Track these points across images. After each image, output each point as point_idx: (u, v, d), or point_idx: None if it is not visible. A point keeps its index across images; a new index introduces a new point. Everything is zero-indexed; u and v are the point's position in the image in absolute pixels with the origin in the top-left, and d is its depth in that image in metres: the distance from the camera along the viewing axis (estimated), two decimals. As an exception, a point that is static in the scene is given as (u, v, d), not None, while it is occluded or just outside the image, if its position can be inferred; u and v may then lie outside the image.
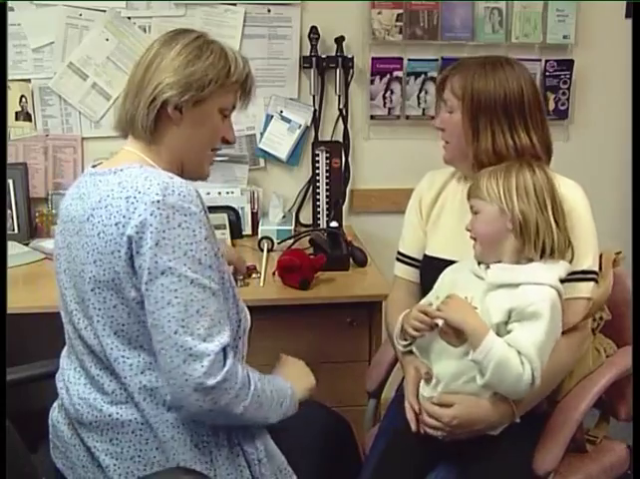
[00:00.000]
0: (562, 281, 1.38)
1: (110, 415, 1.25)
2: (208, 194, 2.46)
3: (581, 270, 1.45)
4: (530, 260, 1.38)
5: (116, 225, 1.18)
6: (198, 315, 1.17)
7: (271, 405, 1.31)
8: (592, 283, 1.47)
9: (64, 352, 1.40)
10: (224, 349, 1.19)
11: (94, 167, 1.34)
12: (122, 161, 1.29)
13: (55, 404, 1.39)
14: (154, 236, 1.15)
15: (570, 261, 1.41)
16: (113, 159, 1.35)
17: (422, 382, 1.44)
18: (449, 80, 1.53)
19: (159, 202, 1.16)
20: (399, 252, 1.71)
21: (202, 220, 1.21)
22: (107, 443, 1.26)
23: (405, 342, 1.49)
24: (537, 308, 1.32)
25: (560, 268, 1.38)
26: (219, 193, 2.49)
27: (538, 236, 1.37)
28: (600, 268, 1.51)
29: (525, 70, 1.55)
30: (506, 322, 1.34)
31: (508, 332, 1.33)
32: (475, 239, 1.42)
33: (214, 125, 1.33)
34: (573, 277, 1.43)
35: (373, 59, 2.53)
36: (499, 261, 1.40)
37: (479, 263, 1.43)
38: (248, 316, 1.36)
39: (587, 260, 1.46)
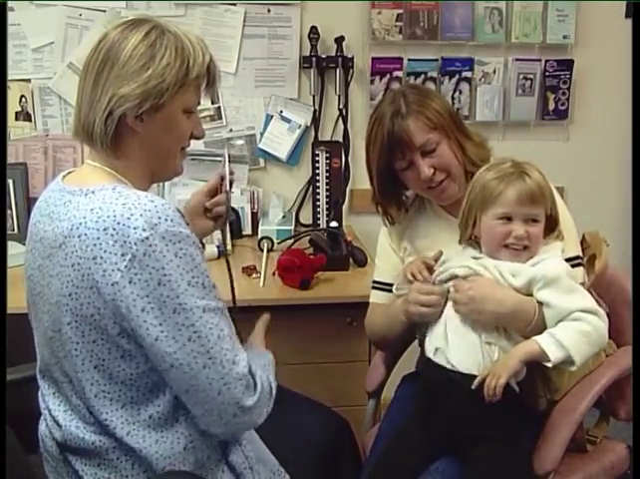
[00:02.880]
0: None
1: (93, 443, 1.20)
2: (208, 194, 2.46)
3: (569, 258, 1.47)
4: None
5: (93, 259, 1.10)
6: (220, 341, 1.13)
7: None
8: (582, 268, 1.51)
9: (39, 373, 1.31)
10: (249, 364, 1.17)
11: (64, 177, 1.26)
12: (90, 177, 1.21)
13: (42, 418, 1.32)
14: (153, 276, 1.08)
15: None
16: (81, 172, 1.26)
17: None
18: (411, 132, 1.47)
19: (148, 238, 1.08)
20: (374, 281, 1.71)
21: (195, 240, 1.14)
22: (95, 467, 1.21)
23: (401, 286, 1.53)
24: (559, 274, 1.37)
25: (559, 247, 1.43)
26: (219, 193, 2.48)
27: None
28: (583, 247, 1.55)
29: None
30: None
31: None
32: (524, 248, 1.39)
33: (180, 127, 1.23)
34: None
35: (373, 59, 2.53)
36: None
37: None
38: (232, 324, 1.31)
39: (573, 247, 1.50)
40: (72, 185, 1.22)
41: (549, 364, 1.32)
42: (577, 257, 1.51)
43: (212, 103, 2.49)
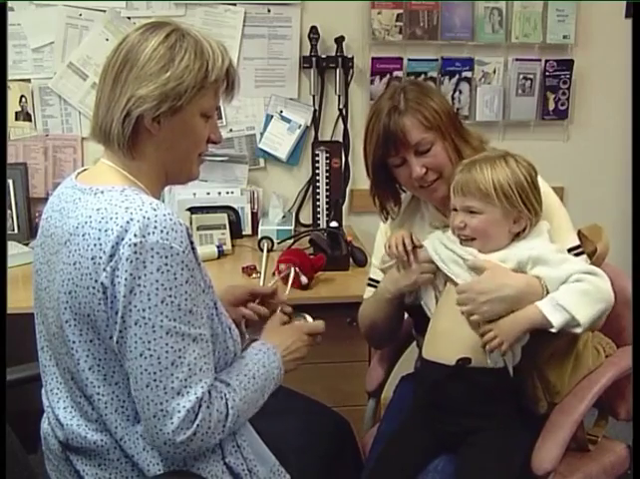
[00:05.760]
0: None
1: (94, 442, 1.20)
2: (208, 194, 2.47)
3: (570, 248, 1.48)
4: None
5: (92, 259, 1.10)
6: (174, 367, 1.10)
7: (256, 403, 1.26)
8: (584, 256, 1.50)
9: (41, 370, 1.31)
10: (200, 400, 1.12)
11: (78, 174, 1.27)
12: (103, 177, 1.21)
13: (45, 416, 1.32)
14: (128, 283, 1.08)
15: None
16: (95, 171, 1.26)
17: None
18: (406, 129, 1.46)
19: (136, 245, 1.08)
20: (370, 279, 1.71)
21: (185, 259, 1.11)
22: (95, 468, 1.22)
23: (386, 259, 1.55)
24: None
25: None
26: (219, 193, 2.49)
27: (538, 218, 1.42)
28: (580, 239, 1.54)
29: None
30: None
31: None
32: (470, 239, 1.42)
33: (197, 131, 1.23)
34: None
35: (373, 59, 2.53)
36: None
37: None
38: (239, 340, 1.31)
39: (571, 237, 1.50)
40: (84, 183, 1.22)
41: (553, 330, 1.32)
42: (578, 247, 1.50)
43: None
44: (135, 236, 1.08)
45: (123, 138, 1.18)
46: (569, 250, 1.47)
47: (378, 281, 1.65)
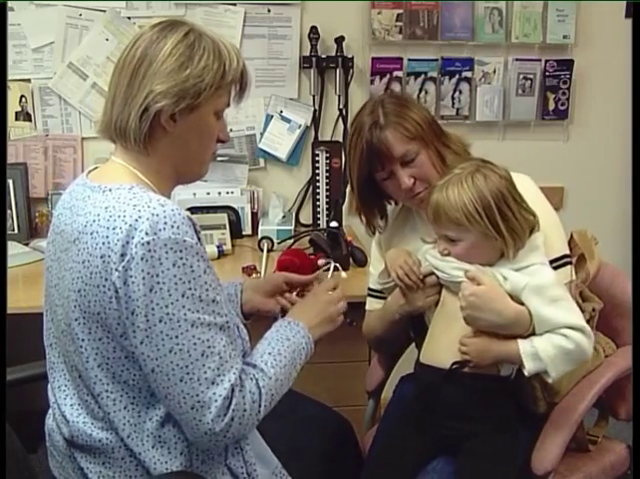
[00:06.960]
0: None
1: (100, 440, 1.21)
2: (208, 194, 2.47)
3: (554, 259, 1.46)
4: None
5: (101, 257, 1.10)
6: (204, 358, 1.11)
7: (290, 376, 1.27)
8: (569, 267, 1.49)
9: (48, 366, 1.31)
10: (233, 386, 1.14)
11: (90, 171, 1.27)
12: (112, 175, 1.22)
13: (50, 412, 1.32)
14: (146, 281, 1.08)
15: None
16: (105, 169, 1.26)
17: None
18: (389, 143, 1.46)
19: (149, 243, 1.08)
20: (369, 289, 1.71)
21: (199, 251, 1.12)
22: (99, 465, 1.22)
23: (384, 281, 1.53)
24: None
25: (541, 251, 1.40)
26: (219, 193, 2.49)
27: (524, 234, 1.37)
28: (571, 246, 1.52)
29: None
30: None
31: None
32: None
33: (210, 128, 1.24)
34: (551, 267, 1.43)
35: (373, 59, 2.53)
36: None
37: None
38: (247, 339, 1.31)
39: (560, 246, 1.48)
40: (94, 181, 1.22)
41: (525, 373, 1.33)
42: (564, 257, 1.49)
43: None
44: (146, 234, 1.08)
45: (139, 133, 1.18)
46: (555, 260, 1.45)
47: (377, 291, 1.66)
